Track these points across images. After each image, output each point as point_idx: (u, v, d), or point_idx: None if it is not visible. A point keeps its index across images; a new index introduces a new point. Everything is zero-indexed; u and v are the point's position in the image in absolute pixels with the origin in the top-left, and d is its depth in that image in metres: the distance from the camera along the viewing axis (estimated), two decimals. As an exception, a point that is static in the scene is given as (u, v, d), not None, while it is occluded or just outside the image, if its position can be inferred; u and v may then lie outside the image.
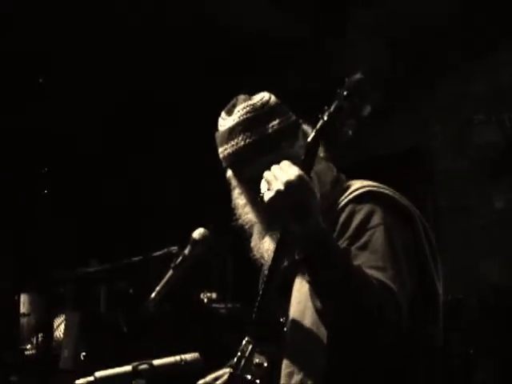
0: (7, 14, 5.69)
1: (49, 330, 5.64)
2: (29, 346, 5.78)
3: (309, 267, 2.05)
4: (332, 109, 2.04)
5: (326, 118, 2.05)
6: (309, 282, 2.08)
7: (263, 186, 2.02)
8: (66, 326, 5.50)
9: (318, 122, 2.07)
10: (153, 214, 6.68)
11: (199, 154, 2.59)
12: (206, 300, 4.49)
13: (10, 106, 6.30)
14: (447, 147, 5.58)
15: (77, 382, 2.36)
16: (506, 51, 5.40)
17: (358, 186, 2.31)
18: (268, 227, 2.34)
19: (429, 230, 2.31)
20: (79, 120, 6.47)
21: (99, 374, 2.43)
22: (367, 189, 2.28)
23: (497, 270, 5.16)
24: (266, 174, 2.02)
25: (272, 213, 2.03)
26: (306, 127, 2.39)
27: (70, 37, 5.87)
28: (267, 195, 1.99)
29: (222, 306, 4.48)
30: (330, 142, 2.08)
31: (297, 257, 2.09)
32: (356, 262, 2.10)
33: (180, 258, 2.62)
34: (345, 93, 2.02)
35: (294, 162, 2.12)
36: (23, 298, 6.15)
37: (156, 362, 2.47)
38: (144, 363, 2.43)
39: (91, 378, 2.41)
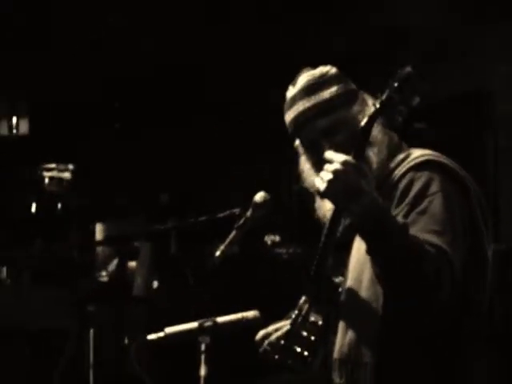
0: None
1: (123, 257, 5.88)
2: (103, 274, 6.03)
3: (367, 242, 2.22)
4: (384, 97, 2.20)
5: (378, 106, 2.21)
6: (367, 252, 2.25)
7: (318, 180, 2.20)
8: (138, 254, 5.75)
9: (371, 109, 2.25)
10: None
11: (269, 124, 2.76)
12: (269, 242, 4.63)
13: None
14: (510, 89, 5.53)
15: (148, 337, 2.60)
16: None
17: (417, 154, 2.45)
18: None
19: (483, 199, 2.44)
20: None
21: (169, 329, 2.66)
22: (427, 157, 2.42)
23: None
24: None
25: (329, 199, 2.22)
26: (365, 95, 2.55)
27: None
28: (321, 186, 2.18)
29: (285, 250, 4.65)
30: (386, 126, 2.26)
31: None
32: (415, 227, 2.26)
33: (242, 219, 2.80)
34: (395, 84, 2.17)
35: (347, 129, 2.41)
36: (98, 227, 6.40)
37: (219, 319, 2.68)
38: (209, 320, 2.66)
39: (161, 334, 2.65)
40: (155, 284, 5.72)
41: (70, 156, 6.88)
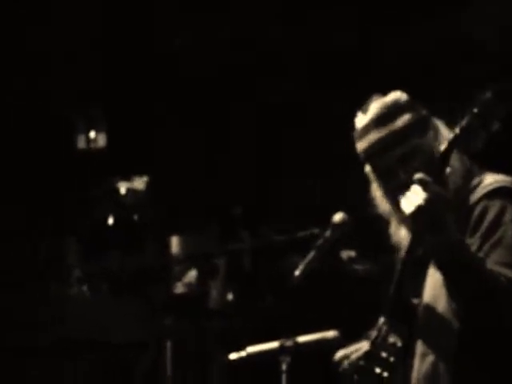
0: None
1: (203, 275, 5.93)
2: (179, 285, 6.09)
3: (442, 273, 2.28)
4: (464, 124, 2.22)
5: (458, 132, 2.23)
6: (443, 283, 2.29)
7: (404, 202, 2.23)
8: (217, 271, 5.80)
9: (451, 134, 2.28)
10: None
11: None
12: (345, 258, 4.61)
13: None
14: None
15: (230, 356, 2.65)
16: None
17: (490, 181, 2.44)
18: (401, 221, 2.53)
19: None
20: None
21: (250, 349, 2.71)
22: (499, 184, 2.41)
23: None
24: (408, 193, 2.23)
25: (412, 223, 2.26)
26: (437, 121, 2.55)
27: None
28: (408, 208, 2.21)
29: (361, 266, 4.65)
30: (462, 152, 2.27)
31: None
32: (489, 259, 2.29)
33: (321, 240, 2.83)
34: (475, 110, 2.18)
35: (422, 156, 2.41)
36: (174, 239, 6.46)
37: (300, 339, 2.72)
38: (289, 340, 2.70)
39: (243, 353, 2.70)
40: (230, 297, 5.78)
41: (147, 168, 6.98)
